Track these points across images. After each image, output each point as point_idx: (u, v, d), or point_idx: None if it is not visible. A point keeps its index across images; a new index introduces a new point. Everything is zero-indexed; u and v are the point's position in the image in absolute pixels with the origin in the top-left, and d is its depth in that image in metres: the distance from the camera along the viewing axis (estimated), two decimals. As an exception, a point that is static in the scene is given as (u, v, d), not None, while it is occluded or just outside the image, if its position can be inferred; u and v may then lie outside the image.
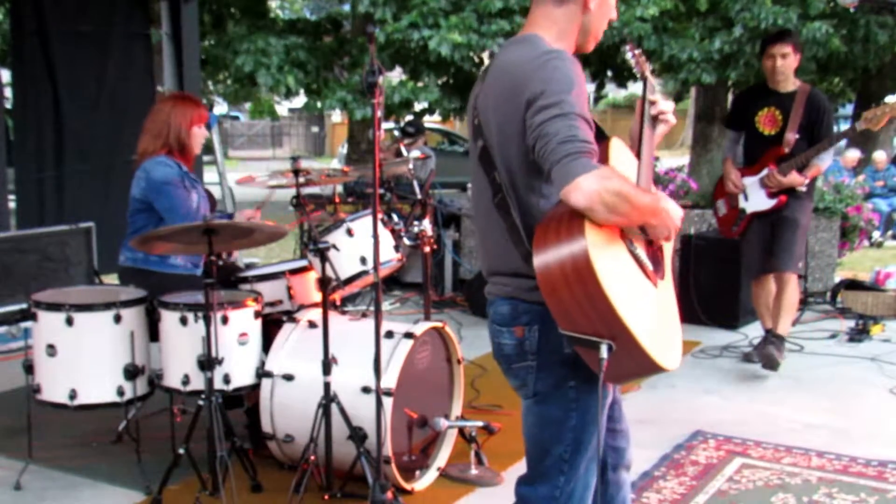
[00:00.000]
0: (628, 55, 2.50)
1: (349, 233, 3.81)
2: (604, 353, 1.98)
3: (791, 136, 5.03)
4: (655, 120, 2.36)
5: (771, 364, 5.06)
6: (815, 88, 5.22)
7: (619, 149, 2.30)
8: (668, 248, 2.34)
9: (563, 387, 2.21)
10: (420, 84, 11.35)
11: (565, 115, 2.02)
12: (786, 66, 5.06)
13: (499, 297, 2.29)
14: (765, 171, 5.12)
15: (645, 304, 2.10)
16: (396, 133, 9.09)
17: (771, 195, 5.15)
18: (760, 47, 5.23)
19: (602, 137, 2.33)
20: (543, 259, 2.01)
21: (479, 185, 2.29)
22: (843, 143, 12.14)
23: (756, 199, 5.23)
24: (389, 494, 3.26)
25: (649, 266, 2.17)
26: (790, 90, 5.11)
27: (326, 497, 3.49)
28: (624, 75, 12.49)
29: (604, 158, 2.18)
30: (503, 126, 2.17)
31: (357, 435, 3.42)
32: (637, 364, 2.04)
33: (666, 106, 2.35)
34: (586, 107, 2.08)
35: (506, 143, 2.18)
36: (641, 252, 2.16)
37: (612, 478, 2.53)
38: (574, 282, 1.96)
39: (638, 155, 2.31)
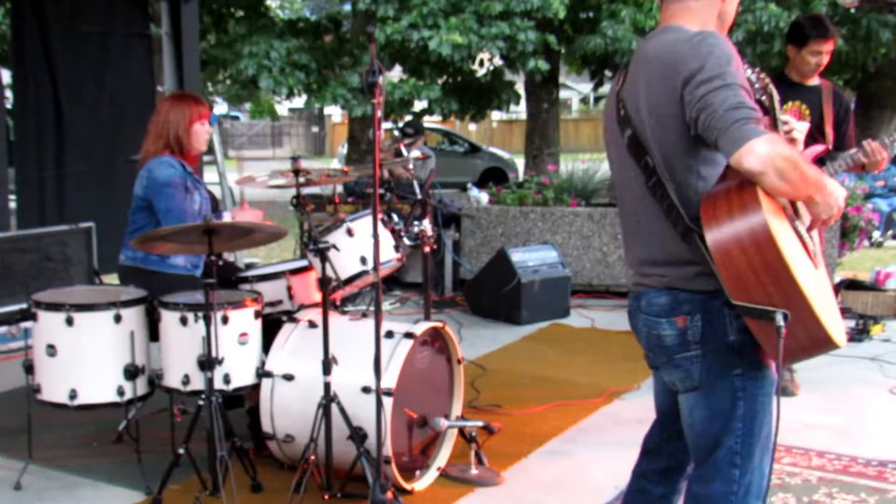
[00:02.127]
0: (748, 72, 2.52)
1: (349, 233, 3.81)
2: (780, 320, 1.98)
3: (831, 133, 4.68)
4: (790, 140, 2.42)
5: (787, 394, 4.89)
6: (834, 84, 4.93)
7: None
8: (816, 238, 2.34)
9: (730, 375, 2.19)
10: (421, 82, 11.37)
11: (728, 85, 2.05)
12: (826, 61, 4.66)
13: (653, 287, 2.28)
14: None
15: (812, 279, 2.10)
16: (396, 133, 9.09)
17: None
18: (800, 39, 4.64)
19: None
20: (717, 231, 2.04)
21: (629, 173, 2.29)
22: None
23: None
24: (389, 494, 3.26)
25: (811, 246, 2.19)
26: (814, 84, 4.75)
27: (326, 497, 3.48)
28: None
29: None
30: (658, 108, 2.18)
31: (357, 435, 3.42)
32: (810, 337, 2.04)
33: (800, 126, 2.45)
34: (746, 81, 2.12)
35: (661, 126, 2.19)
36: (804, 230, 2.18)
37: (681, 488, 2.52)
38: (752, 251, 1.99)
39: None
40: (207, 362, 3.39)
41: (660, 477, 2.55)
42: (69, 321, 3.53)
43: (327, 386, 3.42)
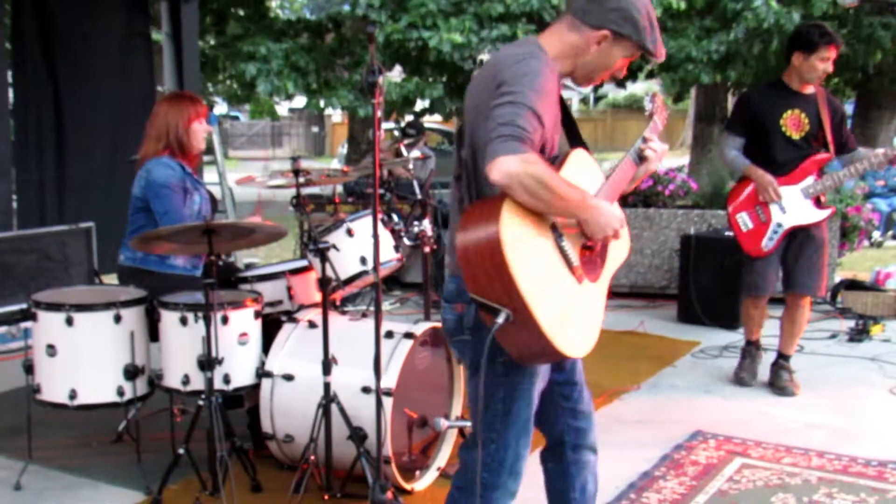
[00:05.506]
0: (647, 100, 2.68)
1: (349, 233, 3.81)
2: (500, 318, 2.14)
3: (831, 138, 4.69)
4: (641, 157, 2.56)
5: (787, 394, 4.92)
6: (827, 91, 4.92)
7: (580, 160, 2.44)
8: (615, 261, 2.53)
9: (495, 362, 2.34)
10: (423, 82, 11.35)
11: (515, 103, 2.18)
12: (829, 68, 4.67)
13: (449, 274, 2.48)
14: (809, 180, 4.70)
15: (557, 291, 2.25)
16: (397, 133, 9.10)
17: (820, 206, 4.74)
18: (808, 46, 4.62)
19: (580, 144, 2.50)
20: (463, 234, 2.21)
21: (455, 160, 2.50)
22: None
23: (799, 212, 4.73)
24: (389, 494, 3.26)
25: (575, 262, 2.31)
26: (810, 92, 4.73)
27: (326, 497, 3.49)
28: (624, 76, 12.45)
29: (560, 164, 2.36)
30: (478, 108, 2.32)
31: (357, 435, 3.42)
32: (535, 340, 2.18)
33: (657, 147, 2.55)
34: (545, 107, 2.23)
35: (475, 125, 2.34)
36: (570, 247, 2.30)
37: (572, 457, 2.72)
38: (485, 250, 2.13)
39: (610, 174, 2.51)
40: (207, 362, 3.39)
41: (549, 453, 2.79)
42: (69, 321, 3.53)
43: (327, 386, 3.42)
